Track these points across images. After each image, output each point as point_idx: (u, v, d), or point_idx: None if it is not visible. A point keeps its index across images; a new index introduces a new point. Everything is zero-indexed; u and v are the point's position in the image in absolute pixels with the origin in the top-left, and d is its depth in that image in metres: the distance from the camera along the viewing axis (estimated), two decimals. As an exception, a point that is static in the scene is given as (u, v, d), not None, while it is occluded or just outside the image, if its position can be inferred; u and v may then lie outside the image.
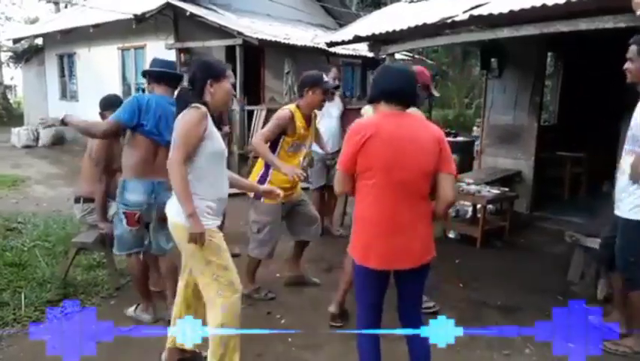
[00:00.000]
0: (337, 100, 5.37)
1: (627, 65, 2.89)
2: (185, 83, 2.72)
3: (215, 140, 2.46)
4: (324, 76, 3.69)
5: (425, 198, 2.22)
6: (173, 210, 2.44)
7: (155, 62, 3.32)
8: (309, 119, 3.68)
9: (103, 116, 3.71)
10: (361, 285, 2.33)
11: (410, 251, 2.21)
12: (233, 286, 2.48)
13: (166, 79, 3.21)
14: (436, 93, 3.64)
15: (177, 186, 2.32)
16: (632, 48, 2.87)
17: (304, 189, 5.36)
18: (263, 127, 3.24)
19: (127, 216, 3.07)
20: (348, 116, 5.35)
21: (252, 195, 3.62)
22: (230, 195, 2.69)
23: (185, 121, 2.35)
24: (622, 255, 2.98)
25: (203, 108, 2.38)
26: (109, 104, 3.70)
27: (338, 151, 4.73)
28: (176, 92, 2.79)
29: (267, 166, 3.57)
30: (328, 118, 5.19)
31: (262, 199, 3.54)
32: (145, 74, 3.37)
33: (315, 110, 3.80)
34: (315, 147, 5.10)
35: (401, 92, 2.21)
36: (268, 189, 3.08)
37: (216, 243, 2.45)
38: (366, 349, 2.35)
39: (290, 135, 3.56)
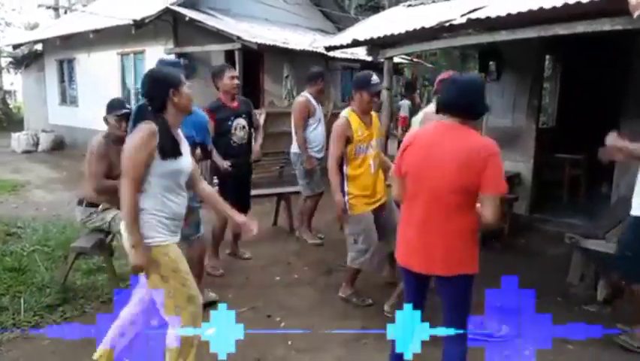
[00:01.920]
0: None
1: None
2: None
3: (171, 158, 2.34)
4: (373, 77, 3.57)
5: (458, 210, 2.20)
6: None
7: (163, 63, 3.31)
8: (368, 120, 3.62)
9: (106, 120, 3.73)
10: (403, 281, 2.53)
11: (433, 258, 2.26)
12: (192, 300, 2.42)
13: None
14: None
15: (124, 212, 2.23)
16: None
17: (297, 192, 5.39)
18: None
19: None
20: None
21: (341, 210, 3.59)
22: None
23: (131, 143, 2.26)
24: (621, 249, 3.14)
25: (152, 125, 2.28)
26: (110, 107, 3.73)
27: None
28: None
29: (342, 178, 3.58)
30: (320, 124, 5.14)
31: (349, 212, 3.55)
32: None
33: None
34: (314, 153, 5.12)
35: (454, 105, 2.25)
36: (242, 222, 2.69)
37: (172, 258, 2.35)
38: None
39: (350, 143, 3.53)
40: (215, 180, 4.52)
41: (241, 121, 4.30)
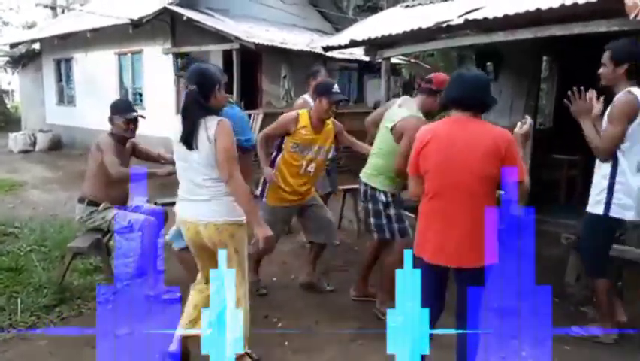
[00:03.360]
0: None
1: (601, 70, 3.05)
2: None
3: None
4: (335, 87, 3.63)
5: (480, 201, 2.28)
6: (221, 212, 2.54)
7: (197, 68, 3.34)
8: (319, 126, 3.66)
9: (112, 120, 3.74)
10: (421, 278, 2.44)
11: (460, 251, 2.32)
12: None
13: None
14: None
15: (248, 198, 2.55)
16: (606, 54, 3.02)
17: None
18: (260, 131, 3.32)
19: None
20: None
21: (258, 192, 3.73)
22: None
23: (230, 138, 2.50)
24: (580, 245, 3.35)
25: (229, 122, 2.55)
26: (117, 108, 3.78)
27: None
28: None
29: (273, 164, 3.70)
30: None
31: (264, 199, 3.67)
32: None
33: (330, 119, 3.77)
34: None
35: (465, 99, 2.33)
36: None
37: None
38: None
39: (292, 136, 3.62)
40: None
41: None
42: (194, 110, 2.48)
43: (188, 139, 2.46)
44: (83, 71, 12.10)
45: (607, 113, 3.04)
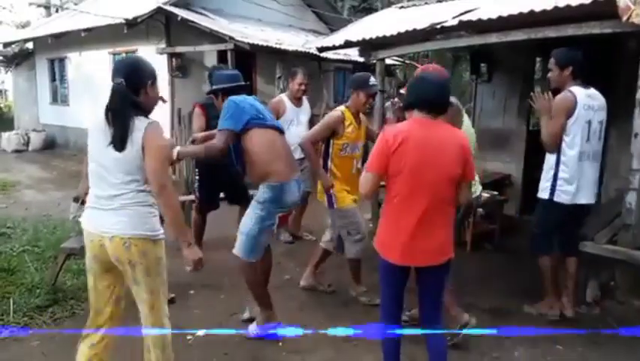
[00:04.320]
0: (306, 105, 5.23)
1: (549, 75, 3.49)
2: None
3: None
4: (371, 79, 3.68)
5: (449, 202, 2.39)
6: (130, 224, 2.18)
7: (223, 76, 3.33)
8: (358, 119, 3.71)
9: None
10: (384, 278, 2.50)
11: (429, 250, 2.37)
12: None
13: (242, 92, 3.21)
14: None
15: (176, 214, 2.27)
16: (551, 60, 3.45)
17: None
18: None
19: (282, 218, 3.06)
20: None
21: (325, 204, 3.71)
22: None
23: (163, 148, 2.24)
24: (533, 228, 3.61)
25: (158, 123, 2.28)
26: None
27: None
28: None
29: (325, 166, 3.69)
30: (297, 125, 5.01)
31: (335, 206, 3.65)
32: (216, 92, 3.27)
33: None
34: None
35: (433, 101, 2.37)
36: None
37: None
38: (388, 344, 2.53)
39: (338, 137, 3.60)
40: (197, 177, 4.58)
41: None
42: (125, 107, 2.16)
43: (122, 141, 2.13)
44: (77, 71, 12.04)
45: None
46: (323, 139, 3.67)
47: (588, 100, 3.32)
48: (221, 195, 4.71)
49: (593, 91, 3.37)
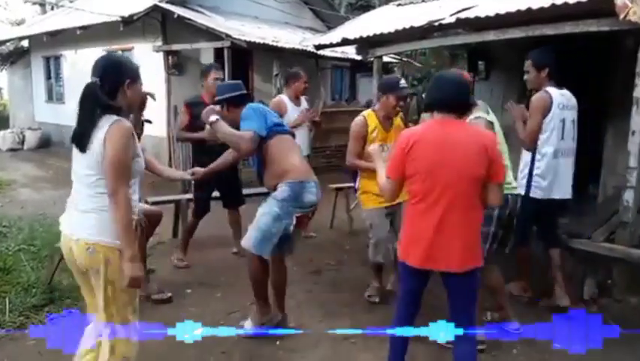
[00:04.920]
0: (304, 105, 5.18)
1: (526, 77, 3.61)
2: None
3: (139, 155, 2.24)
4: (401, 81, 3.64)
5: (471, 202, 2.27)
6: (93, 229, 2.10)
7: (225, 87, 3.39)
8: (387, 124, 3.65)
9: None
10: (403, 279, 2.47)
11: (449, 254, 2.26)
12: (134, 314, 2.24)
13: (246, 100, 3.23)
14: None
15: (125, 222, 2.05)
16: (528, 62, 3.56)
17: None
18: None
19: (300, 218, 3.04)
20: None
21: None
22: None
23: (120, 144, 2.06)
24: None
25: (127, 122, 2.14)
26: None
27: (308, 156, 4.72)
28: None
29: (355, 175, 3.78)
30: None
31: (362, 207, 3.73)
32: (220, 102, 3.25)
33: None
34: None
35: (451, 100, 2.30)
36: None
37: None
38: (395, 342, 2.48)
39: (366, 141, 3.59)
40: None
41: None
42: (88, 106, 2.09)
43: (81, 140, 2.10)
44: (73, 69, 11.98)
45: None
46: (362, 148, 3.57)
47: (562, 99, 3.48)
48: (216, 194, 4.68)
49: (565, 91, 3.54)
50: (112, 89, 2.14)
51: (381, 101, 3.61)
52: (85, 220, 2.12)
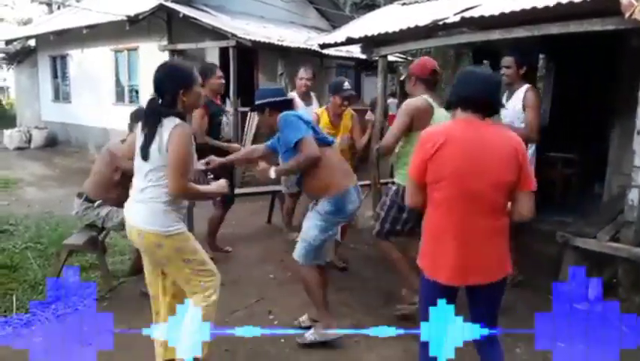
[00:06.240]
0: (315, 104, 5.20)
1: (506, 72, 3.83)
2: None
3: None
4: (345, 83, 4.25)
5: (500, 211, 2.10)
6: (144, 219, 2.38)
7: (268, 91, 3.34)
8: (337, 120, 4.35)
9: (131, 128, 3.76)
10: (428, 299, 2.17)
11: (481, 266, 2.10)
12: (213, 272, 2.60)
13: (286, 106, 3.20)
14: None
15: (202, 194, 2.63)
16: (509, 59, 3.83)
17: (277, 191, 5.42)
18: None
19: (343, 227, 3.06)
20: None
21: None
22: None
23: (185, 147, 2.30)
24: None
25: (188, 125, 2.39)
26: (134, 117, 3.81)
27: None
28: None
29: None
30: None
31: None
32: (263, 106, 3.23)
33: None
34: None
35: (481, 99, 2.09)
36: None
37: (192, 243, 2.53)
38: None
39: None
40: (211, 176, 4.55)
41: (223, 117, 4.53)
42: (153, 120, 2.33)
43: (145, 149, 2.33)
44: (79, 68, 12.05)
45: (521, 106, 3.75)
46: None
47: None
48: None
49: None
50: (170, 100, 2.34)
51: (331, 100, 4.28)
52: (138, 211, 2.40)
